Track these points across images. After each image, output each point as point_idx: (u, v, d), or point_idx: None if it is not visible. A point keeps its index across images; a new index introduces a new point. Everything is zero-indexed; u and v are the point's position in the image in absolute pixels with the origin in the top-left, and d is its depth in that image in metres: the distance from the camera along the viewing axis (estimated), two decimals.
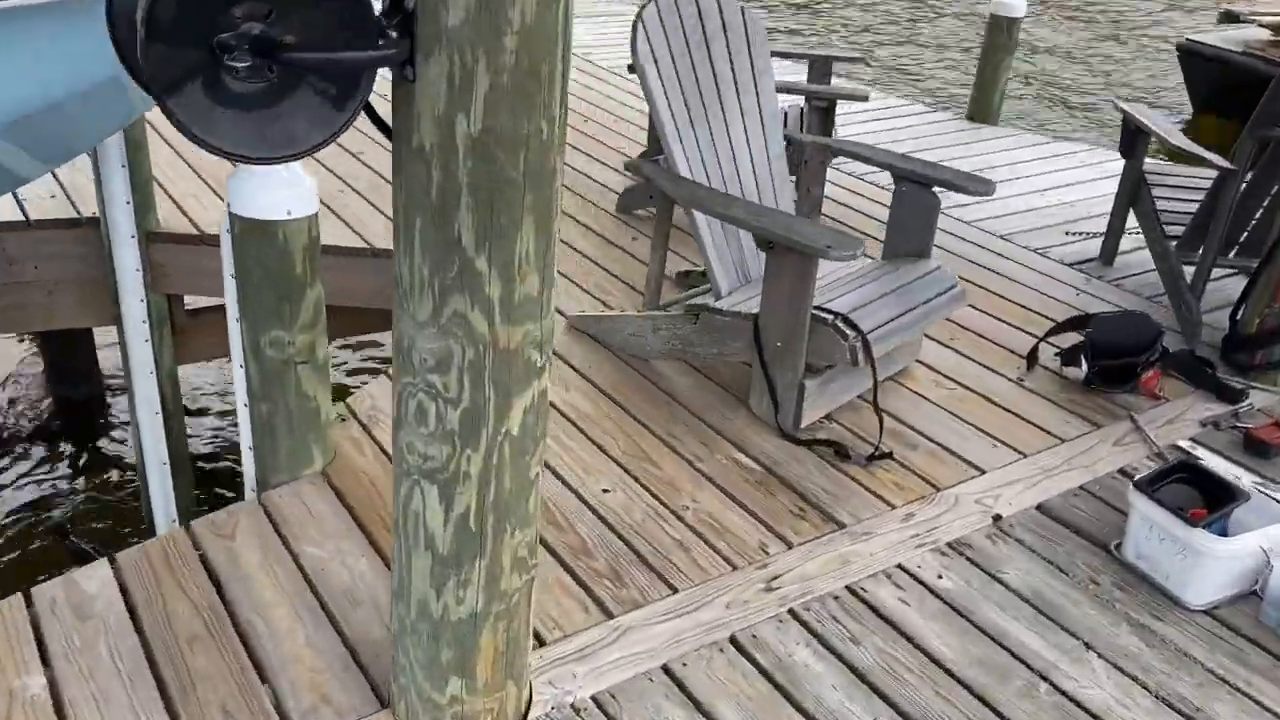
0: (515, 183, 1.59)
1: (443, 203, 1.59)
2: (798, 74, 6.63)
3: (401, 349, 1.74)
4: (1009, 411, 3.29)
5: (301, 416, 2.68)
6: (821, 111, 4.27)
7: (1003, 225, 4.77)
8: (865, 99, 4.22)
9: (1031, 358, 3.55)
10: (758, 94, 3.46)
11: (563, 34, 1.55)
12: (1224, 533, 2.57)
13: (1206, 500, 2.61)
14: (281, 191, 2.43)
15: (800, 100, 4.50)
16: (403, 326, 1.73)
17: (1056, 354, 3.56)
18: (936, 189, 3.33)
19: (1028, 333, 3.79)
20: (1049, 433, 3.19)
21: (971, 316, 3.88)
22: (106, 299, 4.14)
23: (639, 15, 3.15)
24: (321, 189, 4.54)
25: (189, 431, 4.84)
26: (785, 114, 4.83)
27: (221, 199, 4.40)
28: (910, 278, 3.24)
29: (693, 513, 2.72)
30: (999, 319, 3.89)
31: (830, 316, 2.92)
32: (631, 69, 3.14)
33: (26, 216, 4.09)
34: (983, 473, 2.98)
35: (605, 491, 2.78)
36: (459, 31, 1.48)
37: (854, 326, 2.91)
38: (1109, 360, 3.36)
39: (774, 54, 4.74)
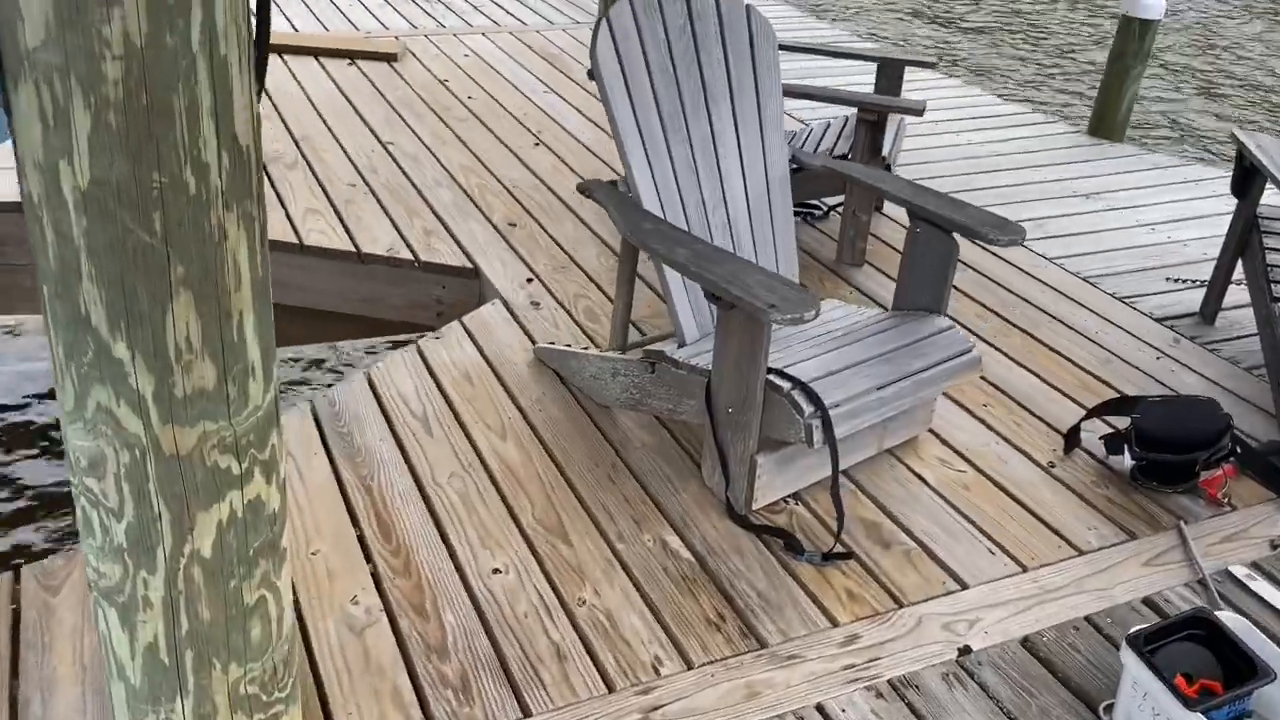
0: (153, 249, 1.21)
1: (63, 271, 1.22)
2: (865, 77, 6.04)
3: (65, 440, 1.40)
4: (1023, 507, 2.72)
5: None
6: (870, 125, 3.72)
7: (1089, 264, 4.11)
8: (920, 112, 3.65)
9: (1071, 439, 2.95)
10: (759, 108, 2.97)
11: (206, 58, 1.15)
12: (1241, 719, 1.98)
13: (1226, 668, 2.02)
14: None
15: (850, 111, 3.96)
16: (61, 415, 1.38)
17: (1101, 437, 2.95)
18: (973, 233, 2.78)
19: (1080, 404, 3.18)
20: (1066, 540, 2.62)
21: (1015, 378, 3.29)
22: None
23: (606, 15, 2.71)
24: (333, 184, 4.29)
25: None
26: (846, 123, 4.29)
27: None
28: (910, 338, 2.71)
29: (588, 609, 2.30)
30: (1050, 384, 3.28)
31: (786, 385, 2.44)
32: (591, 75, 2.71)
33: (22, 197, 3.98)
34: (965, 588, 2.45)
35: (495, 572, 2.39)
36: (41, 55, 1.10)
37: (814, 400, 2.42)
38: (1159, 454, 2.75)
39: (839, 55, 4.21)
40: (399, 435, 2.83)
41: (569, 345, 3.14)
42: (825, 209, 4.38)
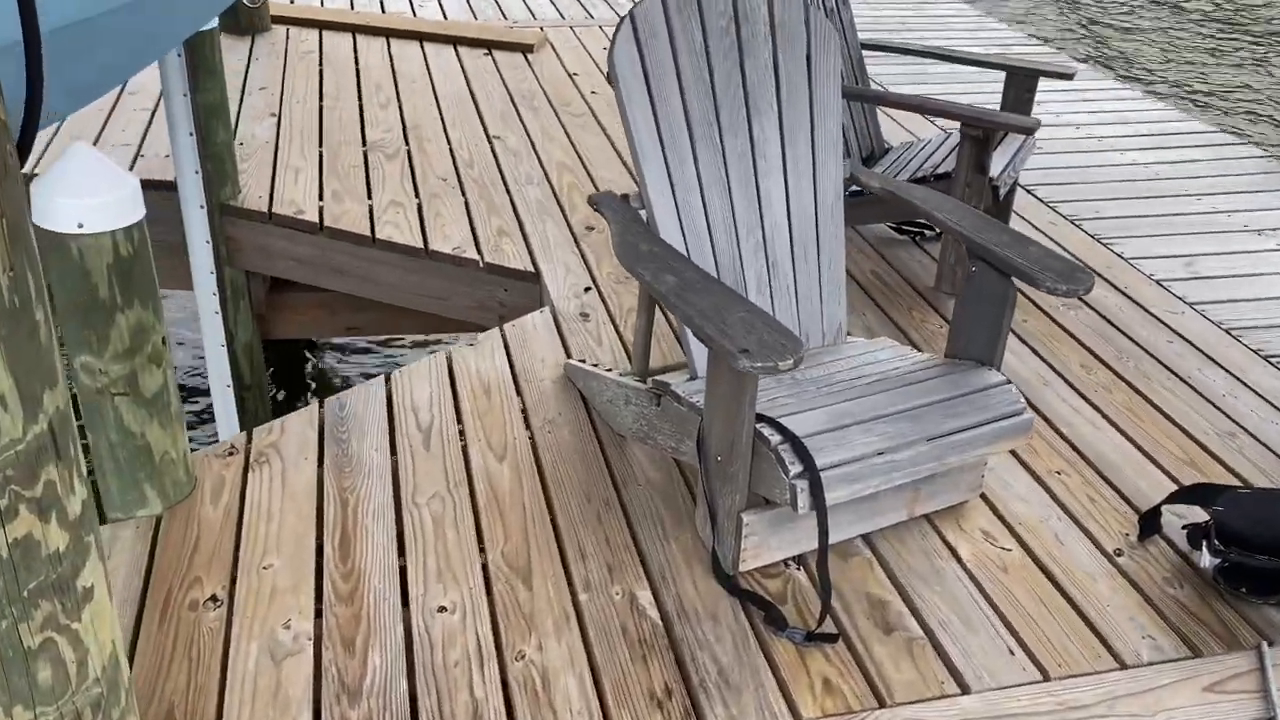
0: None
1: None
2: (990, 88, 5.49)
3: None
4: (1069, 600, 2.33)
5: (128, 453, 2.35)
6: (975, 142, 3.32)
7: (1239, 313, 3.55)
8: (1032, 130, 3.22)
9: (1148, 523, 2.52)
10: (812, 123, 2.66)
11: None
12: None
13: None
14: (70, 199, 2.08)
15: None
16: None
17: (1184, 526, 2.50)
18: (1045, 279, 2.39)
19: (1179, 483, 2.72)
20: (1109, 648, 2.21)
21: (1104, 443, 2.85)
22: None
23: (631, 12, 2.48)
24: (426, 176, 4.23)
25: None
26: (959, 140, 3.88)
27: (321, 176, 4.21)
28: (949, 393, 2.36)
29: (524, 665, 2.10)
30: (1146, 454, 2.83)
31: (775, 439, 2.15)
32: (609, 79, 2.49)
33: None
34: (965, 692, 2.10)
35: (441, 610, 2.22)
36: None
37: (804, 458, 2.12)
38: (1247, 556, 2.29)
39: (965, 61, 3.82)
40: (396, 446, 2.70)
41: (596, 365, 2.94)
42: (939, 229, 3.99)
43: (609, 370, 2.84)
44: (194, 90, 3.68)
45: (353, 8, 6.56)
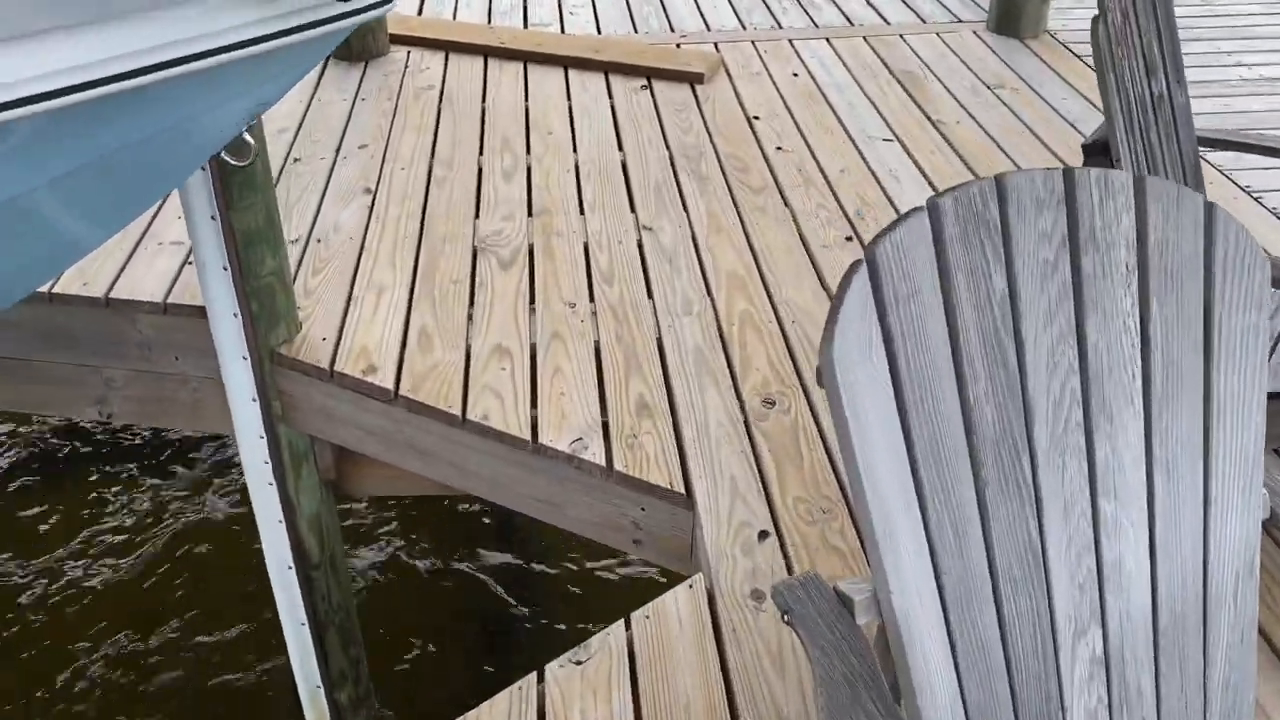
0: None
1: None
2: None
3: None
4: None
5: None
6: None
7: None
8: None
9: None
10: (1207, 425, 1.40)
11: None
12: None
13: None
14: None
15: None
16: None
17: None
18: None
19: None
20: None
21: None
22: None
23: (871, 252, 1.27)
24: (549, 300, 3.05)
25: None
26: None
27: (411, 299, 3.17)
28: None
29: None
30: None
31: None
32: (820, 380, 1.28)
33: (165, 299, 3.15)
34: None
35: None
36: None
37: None
38: None
39: None
40: None
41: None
42: None
43: None
44: (227, 209, 2.67)
45: (489, 21, 5.47)
